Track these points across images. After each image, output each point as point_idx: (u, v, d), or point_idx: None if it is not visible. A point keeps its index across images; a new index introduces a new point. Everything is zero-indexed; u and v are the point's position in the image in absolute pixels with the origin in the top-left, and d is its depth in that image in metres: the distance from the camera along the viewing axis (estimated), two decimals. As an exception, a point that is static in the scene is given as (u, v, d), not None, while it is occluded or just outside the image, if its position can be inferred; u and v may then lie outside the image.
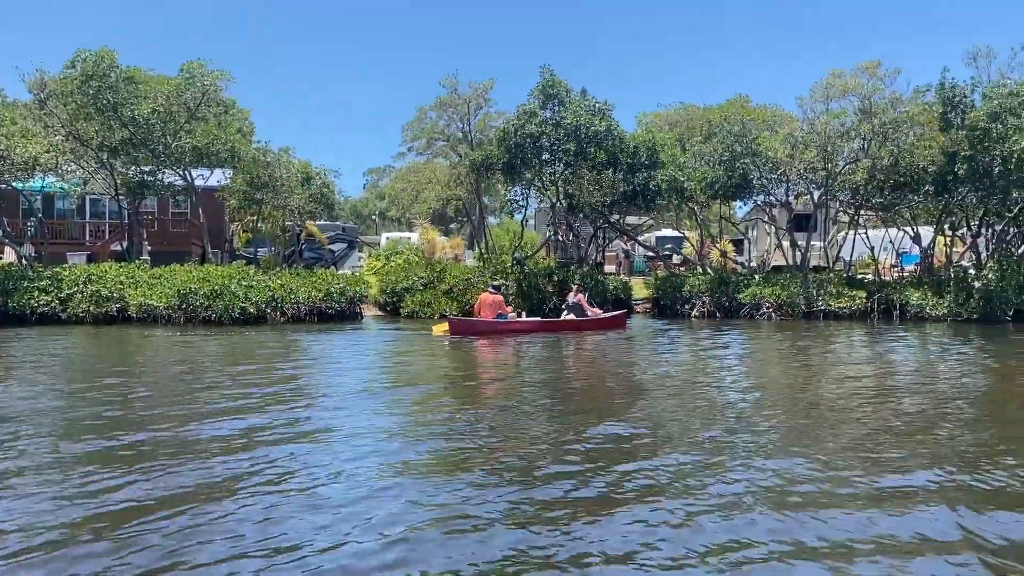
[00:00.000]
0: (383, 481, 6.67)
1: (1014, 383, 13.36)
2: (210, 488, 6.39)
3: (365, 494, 6.28)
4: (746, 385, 12.71)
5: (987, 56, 29.23)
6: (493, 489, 6.40)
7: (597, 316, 22.33)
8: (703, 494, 6.27)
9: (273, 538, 5.26)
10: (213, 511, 5.78)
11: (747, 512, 5.84)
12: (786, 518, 5.70)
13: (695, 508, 5.92)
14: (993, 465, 7.15)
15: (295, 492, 6.31)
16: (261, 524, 5.53)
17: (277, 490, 6.36)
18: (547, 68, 27.54)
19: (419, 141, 57.69)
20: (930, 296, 25.86)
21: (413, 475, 6.90)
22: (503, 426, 9.03)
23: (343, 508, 5.92)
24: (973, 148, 24.67)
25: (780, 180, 29.02)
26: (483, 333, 20.12)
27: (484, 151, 29.09)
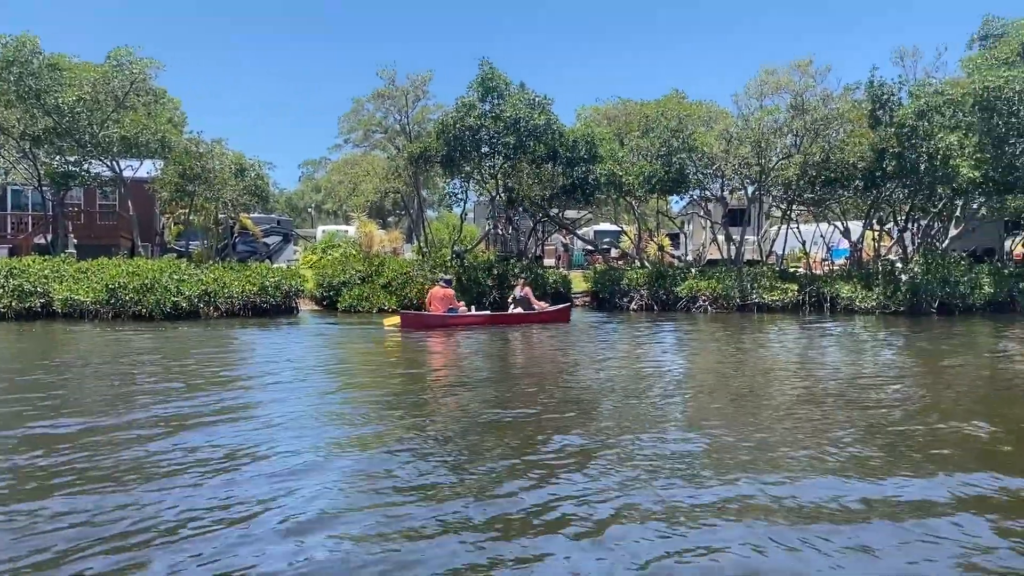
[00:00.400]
0: (315, 480, 6.55)
1: (934, 373, 13.80)
2: (126, 492, 6.17)
3: (295, 493, 6.16)
4: (681, 377, 12.90)
5: (913, 56, 30.24)
6: (431, 490, 6.36)
7: (544, 309, 22.43)
8: (633, 484, 6.37)
9: (194, 533, 5.11)
10: (124, 516, 5.60)
11: (672, 502, 5.98)
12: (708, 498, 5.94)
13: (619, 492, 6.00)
14: (897, 454, 7.51)
15: (223, 489, 6.15)
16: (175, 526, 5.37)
17: (203, 491, 6.18)
18: (486, 61, 27.45)
19: (356, 133, 56.86)
20: (859, 289, 26.58)
21: (347, 470, 6.79)
22: (439, 421, 8.96)
23: (271, 507, 5.80)
24: (901, 145, 25.39)
25: (715, 175, 29.51)
26: (434, 327, 20.05)
27: (423, 143, 28.87)
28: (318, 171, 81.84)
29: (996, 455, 7.64)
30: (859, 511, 5.83)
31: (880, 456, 7.41)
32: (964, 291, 25.39)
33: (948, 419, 9.17)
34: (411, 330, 19.65)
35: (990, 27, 28.72)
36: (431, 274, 27.16)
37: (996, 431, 8.59)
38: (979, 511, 5.87)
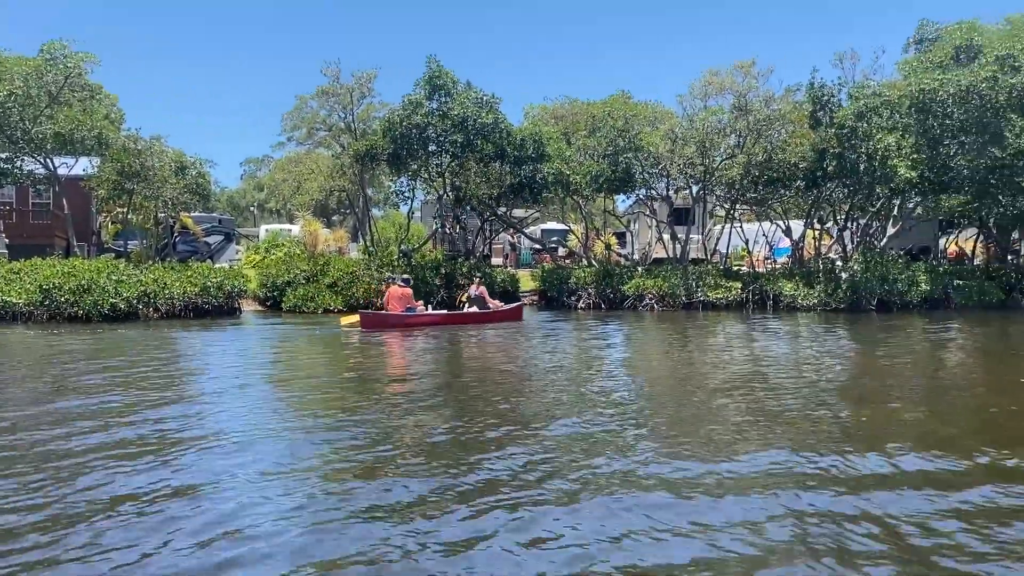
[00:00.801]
0: (256, 482, 6.38)
1: (872, 368, 14.14)
2: (61, 497, 5.93)
3: (235, 494, 5.99)
4: (628, 373, 13.03)
5: (852, 59, 30.91)
6: (370, 483, 6.26)
7: (498, 308, 22.51)
8: (572, 479, 6.37)
9: (126, 543, 4.92)
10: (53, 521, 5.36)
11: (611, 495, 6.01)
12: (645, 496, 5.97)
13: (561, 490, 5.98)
14: (837, 444, 7.69)
15: (163, 489, 5.94)
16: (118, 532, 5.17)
17: (138, 494, 5.96)
18: (433, 59, 27.24)
19: (299, 131, 56.04)
20: (801, 287, 27.11)
21: (288, 476, 6.62)
22: (384, 420, 8.84)
23: (213, 509, 5.65)
24: (841, 145, 25.94)
25: (661, 175, 29.79)
26: (393, 326, 19.93)
27: (369, 141, 28.52)
28: (261, 169, 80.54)
29: (920, 438, 7.89)
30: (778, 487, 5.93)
31: (811, 440, 7.65)
32: (902, 288, 26.07)
33: (877, 407, 9.59)
34: (370, 330, 19.51)
35: (925, 31, 29.53)
36: (378, 273, 26.91)
37: (924, 417, 9.04)
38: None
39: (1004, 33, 28.06)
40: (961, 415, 9.62)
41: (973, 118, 25.48)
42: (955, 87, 24.97)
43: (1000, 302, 27.29)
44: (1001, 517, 5.65)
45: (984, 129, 25.79)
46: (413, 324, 20.30)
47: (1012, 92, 24.82)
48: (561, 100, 32.84)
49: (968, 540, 5.20)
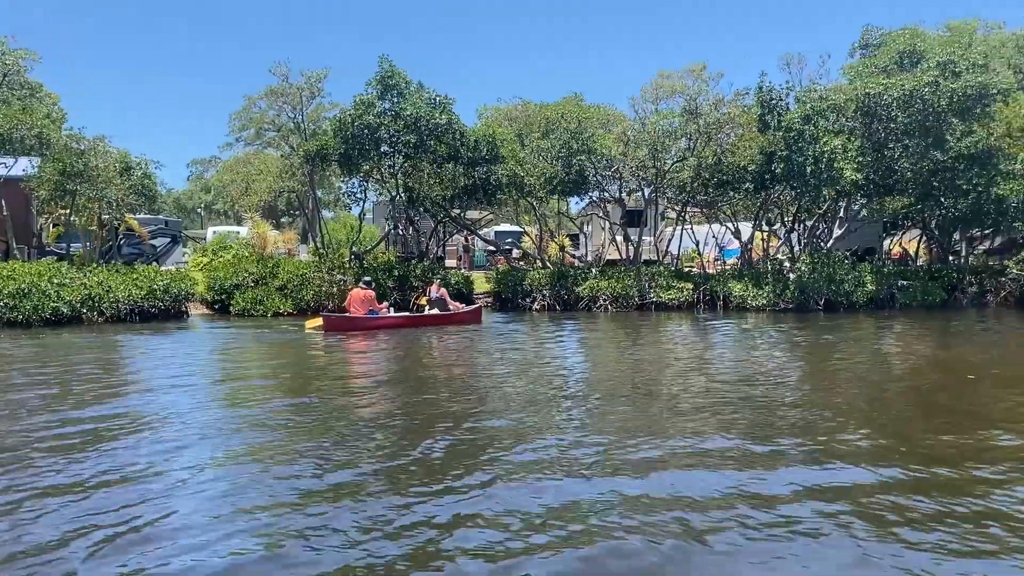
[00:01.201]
0: (209, 491, 6.21)
1: (817, 366, 14.44)
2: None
3: (185, 503, 5.81)
4: (584, 373, 13.20)
5: (799, 63, 31.43)
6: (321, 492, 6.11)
7: (459, 310, 22.52)
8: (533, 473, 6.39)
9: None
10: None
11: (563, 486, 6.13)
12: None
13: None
14: (778, 436, 8.17)
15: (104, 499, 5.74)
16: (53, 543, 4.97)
17: (83, 504, 5.75)
18: (385, 58, 26.95)
19: (248, 131, 55.07)
20: (751, 287, 27.47)
21: (241, 481, 6.48)
22: (333, 423, 8.70)
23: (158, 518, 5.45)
24: (789, 148, 26.32)
25: (614, 177, 29.94)
26: (356, 329, 19.76)
27: (319, 141, 28.13)
28: (208, 170, 78.99)
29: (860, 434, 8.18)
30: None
31: (755, 436, 7.85)
32: (848, 289, 26.59)
33: (819, 404, 10.06)
34: (333, 333, 19.29)
35: (869, 36, 30.19)
36: (329, 276, 26.60)
37: (869, 415, 9.35)
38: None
39: (945, 39, 28.84)
40: (889, 409, 10.07)
41: (916, 122, 26.11)
42: (899, 91, 25.56)
43: (943, 302, 27.97)
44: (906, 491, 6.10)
45: (927, 133, 26.45)
46: (376, 326, 20.15)
47: (953, 97, 25.48)
48: (515, 102, 32.84)
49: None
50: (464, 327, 21.17)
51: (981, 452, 7.57)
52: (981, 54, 26.96)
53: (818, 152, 25.48)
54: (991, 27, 34.11)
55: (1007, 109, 27.91)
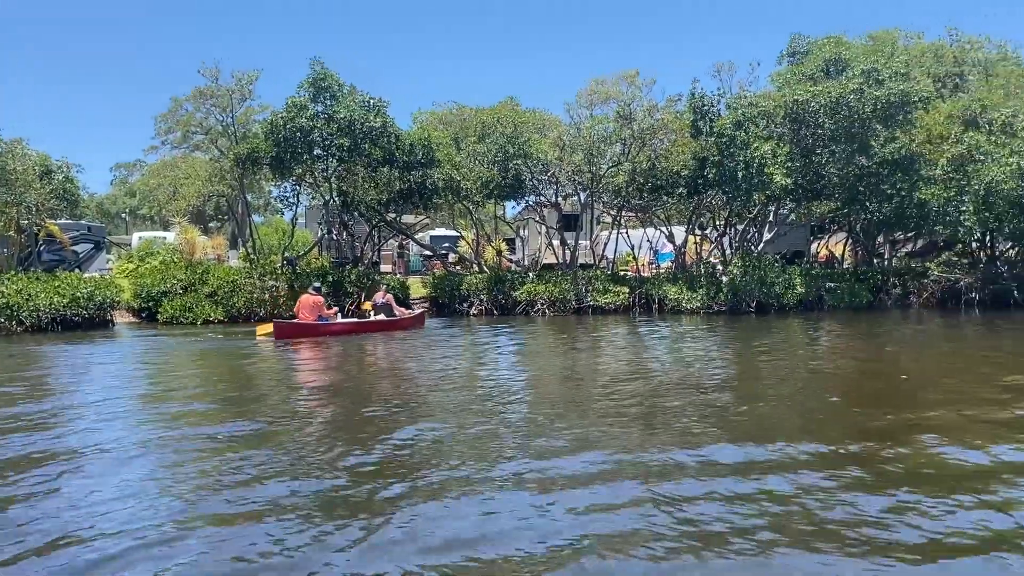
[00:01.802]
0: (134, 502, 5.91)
1: (748, 366, 14.70)
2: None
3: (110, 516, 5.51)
4: (522, 381, 13.20)
5: (729, 70, 31.93)
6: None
7: (404, 315, 22.52)
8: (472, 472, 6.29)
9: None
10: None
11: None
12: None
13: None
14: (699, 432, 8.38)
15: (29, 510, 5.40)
16: None
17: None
18: (318, 60, 26.51)
19: (174, 134, 53.57)
20: (685, 291, 27.81)
21: (170, 494, 6.20)
22: (270, 437, 8.44)
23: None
24: (721, 154, 26.75)
25: (550, 181, 30.00)
26: (307, 336, 19.47)
27: (250, 144, 27.47)
28: (132, 174, 76.63)
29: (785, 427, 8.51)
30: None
31: (690, 430, 8.07)
32: (779, 291, 27.14)
33: (741, 400, 10.57)
34: (283, 340, 18.89)
35: (797, 44, 30.85)
36: (260, 282, 26.04)
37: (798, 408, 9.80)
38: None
39: (868, 48, 29.68)
40: (810, 405, 10.52)
41: (842, 128, 26.81)
42: (826, 98, 26.20)
43: (869, 303, 28.75)
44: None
45: (852, 139, 27.18)
46: (326, 333, 19.90)
47: (877, 104, 26.23)
48: (450, 105, 32.61)
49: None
50: (408, 332, 21.08)
51: (905, 454, 7.78)
52: (903, 63, 27.84)
53: (749, 158, 25.95)
54: (911, 37, 35.21)
55: (927, 116, 28.88)
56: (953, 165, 27.40)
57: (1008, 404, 10.09)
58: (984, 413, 9.44)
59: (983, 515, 5.91)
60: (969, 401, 10.31)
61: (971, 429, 8.62)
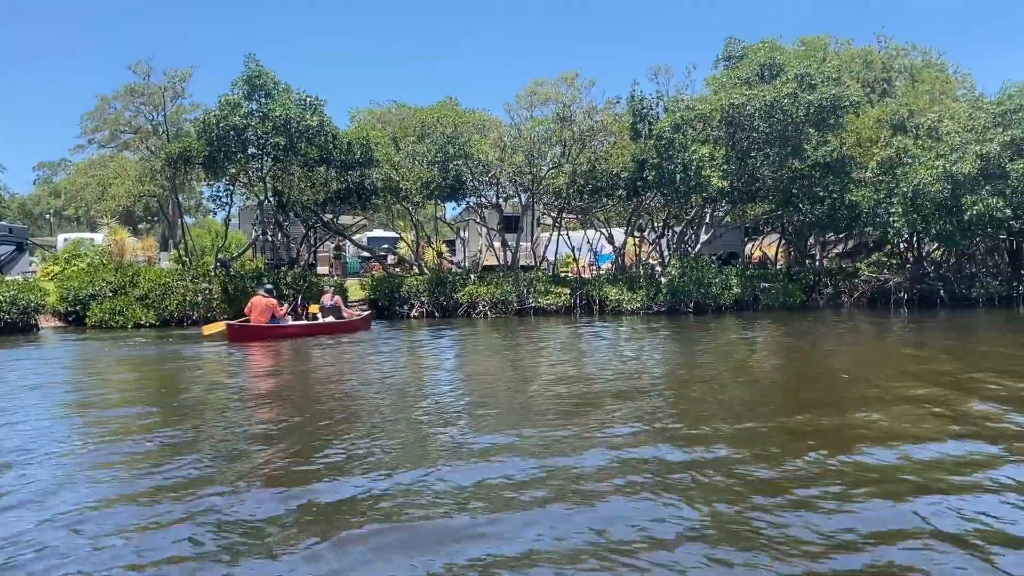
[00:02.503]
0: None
1: (684, 365, 14.85)
2: None
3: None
4: (463, 379, 13.10)
5: (666, 73, 32.33)
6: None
7: (353, 317, 22.31)
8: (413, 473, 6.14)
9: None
10: None
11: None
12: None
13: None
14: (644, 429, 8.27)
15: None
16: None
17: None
18: (252, 57, 25.88)
19: (102, 133, 52.05)
20: (625, 292, 28.00)
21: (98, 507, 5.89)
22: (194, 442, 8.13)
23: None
24: (659, 156, 26.99)
25: (491, 182, 29.88)
26: (261, 338, 19.03)
27: (182, 143, 26.69)
28: (57, 174, 74.05)
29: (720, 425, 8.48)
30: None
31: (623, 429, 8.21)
32: (716, 292, 27.53)
33: (682, 399, 10.64)
34: (237, 342, 18.47)
35: (732, 49, 31.36)
36: (193, 284, 25.35)
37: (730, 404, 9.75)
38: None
39: (800, 54, 30.32)
40: (751, 404, 10.54)
41: (777, 131, 27.31)
42: (761, 102, 26.65)
43: (802, 303, 29.35)
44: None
45: (786, 142, 27.71)
46: (280, 335, 19.54)
47: (810, 108, 26.81)
48: (388, 104, 32.26)
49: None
50: (356, 335, 20.87)
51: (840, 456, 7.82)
52: (834, 68, 28.51)
53: (687, 160, 26.25)
54: (841, 43, 36.22)
55: (857, 120, 29.67)
56: (882, 168, 28.21)
57: (930, 400, 10.34)
58: (907, 411, 9.63)
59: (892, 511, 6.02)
60: (894, 399, 10.53)
61: (893, 426, 8.80)
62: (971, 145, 26.77)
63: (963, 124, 27.84)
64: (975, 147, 26.60)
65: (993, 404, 9.90)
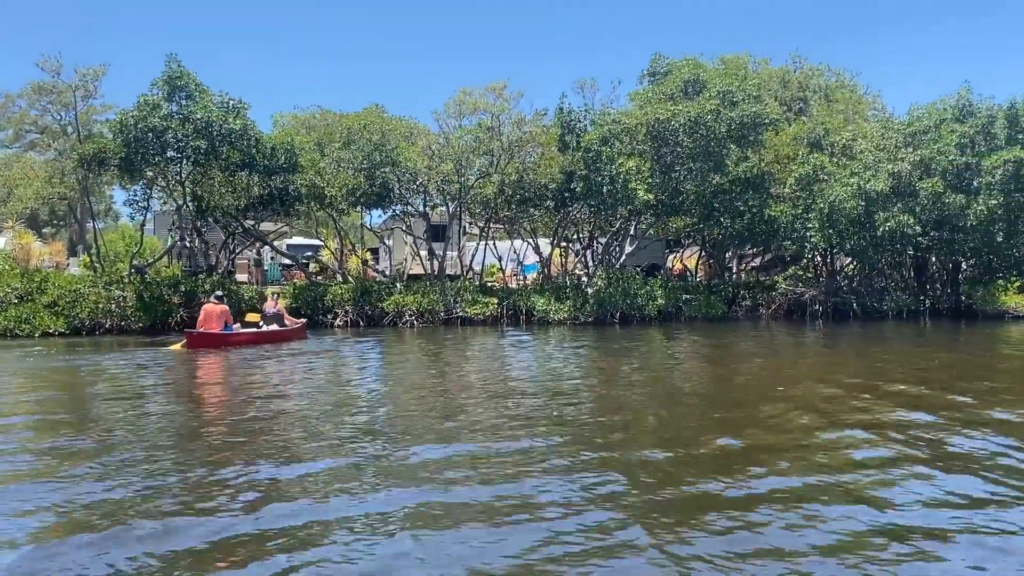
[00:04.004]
0: None
1: (607, 375, 14.97)
2: None
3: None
4: (387, 389, 12.86)
5: (592, 87, 32.71)
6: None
7: (294, 325, 22.03)
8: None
9: None
10: None
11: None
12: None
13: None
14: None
15: None
16: None
17: None
18: (174, 57, 25.06)
19: (5, 132, 49.66)
20: (553, 302, 28.11)
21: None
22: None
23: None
24: (588, 168, 27.24)
25: (419, 191, 29.61)
26: (220, 345, 19.06)
27: (97, 143, 25.59)
28: (-47, 174, 70.25)
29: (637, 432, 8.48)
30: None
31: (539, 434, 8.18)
32: (641, 303, 27.89)
33: (602, 410, 10.64)
34: (197, 350, 18.22)
35: (658, 65, 31.98)
36: (106, 291, 24.34)
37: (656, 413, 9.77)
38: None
39: (720, 71, 31.12)
40: (674, 414, 10.67)
41: (700, 146, 27.94)
42: (685, 118, 27.22)
43: (723, 314, 30.01)
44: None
45: (709, 157, 28.38)
46: (234, 343, 19.42)
47: (731, 124, 27.53)
48: (313, 110, 31.66)
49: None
50: (292, 343, 20.57)
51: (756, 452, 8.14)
52: (755, 86, 29.36)
53: (615, 173, 26.57)
54: (759, 63, 37.33)
55: (776, 138, 30.60)
56: (800, 184, 29.12)
57: (842, 411, 10.69)
58: (814, 421, 9.90)
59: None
60: (806, 406, 10.89)
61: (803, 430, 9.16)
62: (883, 164, 27.93)
63: (875, 143, 29.03)
64: (887, 166, 27.76)
65: (891, 406, 10.69)
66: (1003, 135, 28.81)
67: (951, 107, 29.93)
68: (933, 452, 8.10)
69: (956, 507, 6.36)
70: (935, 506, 6.40)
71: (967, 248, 30.51)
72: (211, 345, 18.92)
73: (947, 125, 29.20)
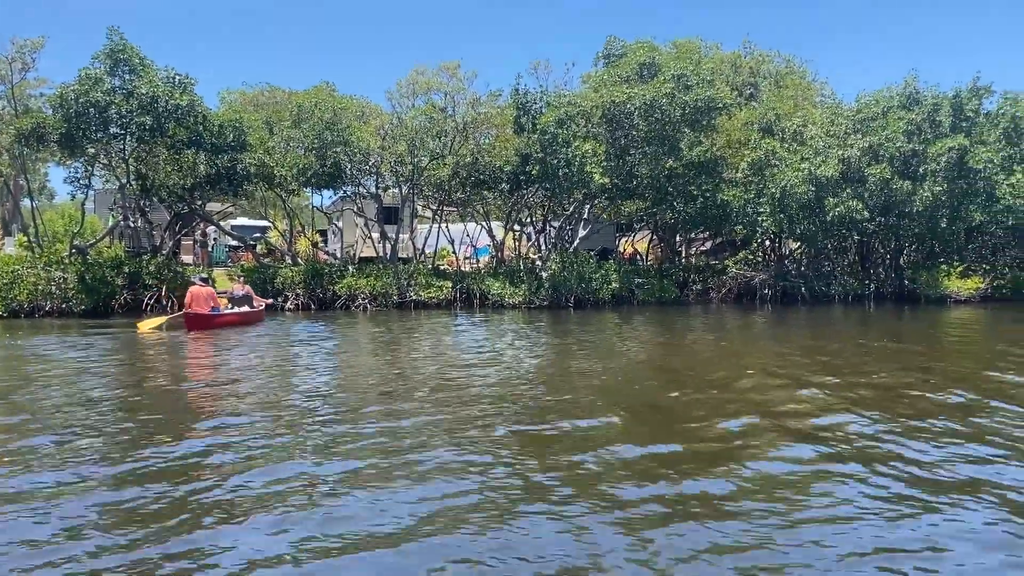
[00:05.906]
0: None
1: (559, 359, 14.89)
2: None
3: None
4: (339, 381, 12.54)
5: (546, 68, 32.49)
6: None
7: (261, 307, 22.31)
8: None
9: None
10: None
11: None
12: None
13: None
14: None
15: None
16: None
17: None
18: (115, 29, 24.11)
19: (-69, 105, 47.42)
20: (507, 286, 27.96)
21: None
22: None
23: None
24: (544, 151, 27.02)
25: (371, 172, 29.11)
26: (211, 326, 19.34)
27: (35, 118, 24.54)
28: None
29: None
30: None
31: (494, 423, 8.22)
32: (595, 287, 27.91)
33: (551, 392, 10.71)
34: (195, 331, 18.75)
35: (612, 47, 31.81)
36: (45, 272, 23.47)
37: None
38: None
39: (673, 55, 31.11)
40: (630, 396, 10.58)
41: (655, 130, 27.95)
42: (640, 101, 27.18)
43: (676, 298, 30.23)
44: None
45: (663, 141, 28.42)
46: (221, 324, 19.65)
47: (686, 108, 27.58)
48: (262, 87, 30.86)
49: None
50: (259, 326, 20.68)
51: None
52: (708, 71, 29.45)
53: (571, 156, 26.43)
54: (710, 47, 37.42)
55: (728, 123, 30.77)
56: (752, 169, 29.38)
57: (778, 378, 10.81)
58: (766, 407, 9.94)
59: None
60: (755, 385, 11.08)
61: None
62: (833, 150, 28.31)
63: (825, 129, 29.40)
64: (837, 152, 28.15)
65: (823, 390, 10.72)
66: (948, 123, 29.43)
67: (898, 95, 30.44)
68: (808, 429, 8.17)
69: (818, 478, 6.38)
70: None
71: (911, 234, 31.20)
72: (203, 327, 19.10)
73: (894, 112, 29.71)
